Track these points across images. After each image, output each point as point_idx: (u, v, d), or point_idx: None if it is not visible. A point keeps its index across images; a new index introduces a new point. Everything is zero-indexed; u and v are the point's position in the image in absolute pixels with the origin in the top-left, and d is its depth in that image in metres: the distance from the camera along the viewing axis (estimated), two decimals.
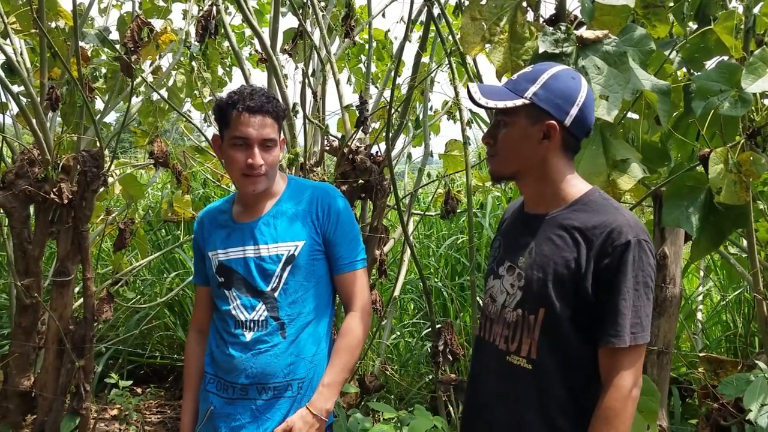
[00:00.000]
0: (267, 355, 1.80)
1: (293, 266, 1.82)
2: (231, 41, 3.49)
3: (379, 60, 4.74)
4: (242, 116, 1.75)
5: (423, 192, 5.60)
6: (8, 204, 3.11)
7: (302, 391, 1.83)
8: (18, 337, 3.28)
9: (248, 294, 1.83)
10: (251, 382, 1.80)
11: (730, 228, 2.28)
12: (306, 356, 1.84)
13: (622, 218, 1.44)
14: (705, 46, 2.36)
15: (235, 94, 1.78)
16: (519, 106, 1.47)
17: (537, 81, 1.48)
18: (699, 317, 4.30)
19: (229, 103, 1.77)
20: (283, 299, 1.82)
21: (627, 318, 1.39)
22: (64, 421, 3.15)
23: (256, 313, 1.81)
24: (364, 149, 3.16)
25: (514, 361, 1.52)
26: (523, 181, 1.57)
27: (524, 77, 1.51)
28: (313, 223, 1.86)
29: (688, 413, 3.50)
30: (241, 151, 1.77)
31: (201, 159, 4.66)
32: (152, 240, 5.45)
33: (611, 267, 1.40)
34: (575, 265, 1.43)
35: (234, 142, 1.78)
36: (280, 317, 1.82)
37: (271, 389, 1.80)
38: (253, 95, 1.77)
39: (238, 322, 1.82)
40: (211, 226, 1.94)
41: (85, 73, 3.16)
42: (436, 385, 3.01)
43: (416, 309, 5.17)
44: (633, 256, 1.40)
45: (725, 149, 2.04)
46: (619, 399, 1.40)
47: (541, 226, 1.53)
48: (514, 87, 1.49)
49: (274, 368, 1.80)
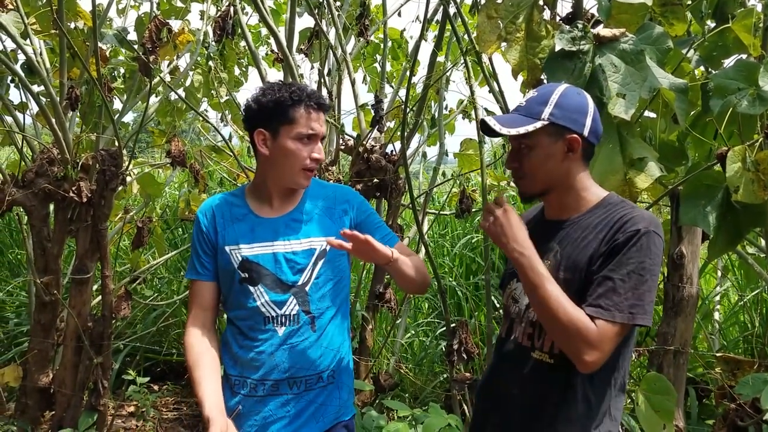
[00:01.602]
0: (299, 349, 1.82)
1: (324, 261, 1.86)
2: (248, 41, 3.51)
3: (395, 59, 4.75)
4: (310, 111, 1.80)
5: (438, 191, 5.61)
6: (28, 202, 3.15)
7: (331, 380, 1.87)
8: (37, 334, 3.32)
9: (278, 289, 1.83)
10: (283, 377, 1.81)
11: (748, 227, 2.26)
12: (333, 347, 1.88)
13: (638, 212, 1.51)
14: (723, 44, 2.35)
15: (294, 91, 1.80)
16: (539, 128, 1.53)
17: (549, 102, 1.55)
18: (716, 317, 4.27)
19: (294, 99, 1.79)
20: (314, 293, 1.85)
21: (621, 296, 1.42)
22: (82, 417, 3.19)
23: (287, 307, 1.83)
24: (379, 148, 3.18)
25: (537, 356, 1.57)
26: (551, 194, 1.63)
27: (534, 101, 1.57)
28: (341, 218, 1.91)
29: (705, 414, 3.48)
30: (305, 146, 1.81)
31: (217, 158, 4.70)
32: (169, 238, 5.49)
33: (618, 246, 1.46)
34: (596, 256, 1.49)
35: (299, 136, 1.80)
36: (311, 311, 1.84)
37: (303, 382, 1.83)
38: (312, 93, 1.82)
39: (267, 318, 1.83)
40: (225, 219, 1.91)
41: (103, 73, 3.19)
42: (451, 384, 3.01)
43: (431, 308, 5.18)
44: (642, 242, 1.45)
45: (743, 148, 2.03)
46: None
47: (564, 230, 1.60)
48: (527, 112, 1.56)
49: (305, 362, 1.83)
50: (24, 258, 5.03)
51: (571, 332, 1.40)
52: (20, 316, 4.83)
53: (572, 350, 1.42)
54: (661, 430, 2.14)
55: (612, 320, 1.41)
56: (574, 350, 1.41)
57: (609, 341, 1.41)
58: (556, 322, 1.42)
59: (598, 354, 1.40)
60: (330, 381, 1.87)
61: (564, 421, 1.52)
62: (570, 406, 1.52)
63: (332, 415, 1.87)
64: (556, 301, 1.42)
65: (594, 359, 1.40)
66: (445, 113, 4.25)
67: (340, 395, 1.90)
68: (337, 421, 1.88)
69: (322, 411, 1.85)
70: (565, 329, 1.41)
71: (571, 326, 1.40)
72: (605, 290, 1.43)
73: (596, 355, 1.40)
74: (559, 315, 1.41)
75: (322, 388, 1.85)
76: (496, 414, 1.65)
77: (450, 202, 4.88)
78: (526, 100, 1.58)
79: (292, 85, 1.82)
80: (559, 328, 1.42)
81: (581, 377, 1.51)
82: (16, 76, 3.14)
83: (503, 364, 1.68)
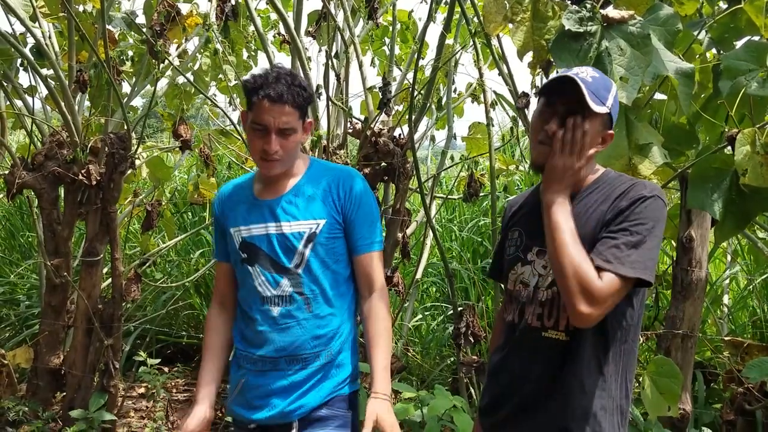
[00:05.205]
0: (294, 329, 1.86)
1: (315, 244, 1.86)
2: (255, 24, 3.50)
3: (403, 42, 4.72)
4: (262, 103, 1.76)
5: (446, 175, 5.59)
6: (38, 185, 3.18)
7: (329, 359, 1.89)
8: (48, 316, 3.36)
9: (273, 270, 1.87)
10: (280, 354, 1.86)
11: (756, 211, 2.24)
12: (332, 327, 1.89)
13: (640, 181, 1.55)
14: (735, 25, 2.32)
15: (260, 78, 1.78)
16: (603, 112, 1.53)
17: (611, 93, 1.55)
18: (725, 302, 4.26)
19: (252, 88, 1.78)
20: (306, 275, 1.86)
21: (623, 252, 1.44)
22: (93, 398, 3.23)
23: (280, 288, 1.86)
24: (387, 132, 3.16)
25: (551, 335, 1.58)
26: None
27: (602, 85, 1.54)
28: (334, 202, 1.90)
29: (713, 398, 3.47)
30: (258, 136, 1.80)
31: (226, 142, 4.70)
32: (179, 221, 5.52)
33: (622, 209, 1.48)
34: (601, 224, 1.51)
35: (253, 126, 1.81)
36: (304, 292, 1.86)
37: (301, 360, 1.86)
38: (278, 81, 1.76)
39: (264, 297, 1.87)
40: (232, 202, 1.97)
41: (112, 55, 3.19)
42: (458, 366, 3.02)
43: (438, 292, 5.19)
44: (646, 204, 1.47)
45: (752, 130, 2.00)
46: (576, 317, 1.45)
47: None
48: (595, 91, 1.51)
49: (302, 341, 1.85)
50: (35, 241, 5.07)
51: (572, 281, 1.42)
52: (31, 298, 4.88)
53: (570, 300, 1.43)
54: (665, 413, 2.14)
55: (614, 272, 1.42)
56: (572, 301, 1.42)
57: (609, 296, 1.42)
58: (561, 269, 1.44)
59: (595, 308, 1.41)
60: (328, 359, 1.88)
61: (579, 396, 1.54)
62: (585, 381, 1.54)
63: (330, 388, 1.90)
64: (569, 250, 1.44)
65: (590, 312, 1.41)
66: (453, 96, 4.23)
67: (338, 373, 1.91)
68: (335, 394, 1.90)
69: (319, 386, 1.88)
70: (567, 278, 1.43)
71: (574, 277, 1.42)
72: (608, 247, 1.45)
73: (593, 308, 1.41)
74: (566, 263, 1.43)
75: (321, 367, 1.87)
76: (510, 396, 1.66)
77: (458, 186, 4.87)
78: (593, 78, 1.53)
79: (267, 72, 1.79)
80: (564, 276, 1.44)
81: (594, 352, 1.53)
82: (26, 59, 3.15)
83: (516, 347, 1.68)
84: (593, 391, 1.54)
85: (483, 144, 3.84)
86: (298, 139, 1.86)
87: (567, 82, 1.51)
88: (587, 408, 1.54)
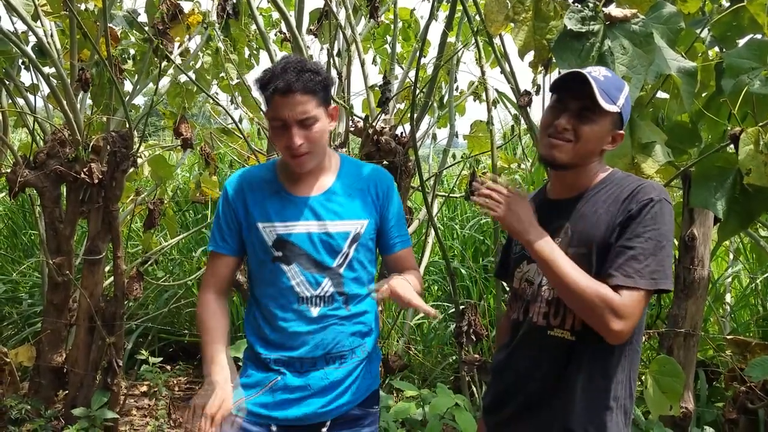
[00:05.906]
0: (334, 328, 1.82)
1: (359, 244, 1.83)
2: (257, 23, 3.49)
3: (405, 40, 4.72)
4: (274, 98, 1.69)
5: (447, 173, 5.60)
6: (40, 183, 3.18)
7: (364, 354, 1.89)
8: (50, 314, 3.36)
9: (313, 269, 1.81)
10: (319, 354, 1.82)
11: (760, 210, 2.24)
12: (366, 322, 1.89)
13: (646, 182, 1.55)
14: (737, 23, 2.31)
15: (268, 73, 1.71)
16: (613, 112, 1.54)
17: (623, 93, 1.56)
18: (727, 300, 4.25)
19: (262, 85, 1.72)
20: (348, 275, 1.83)
21: (642, 263, 1.44)
22: (95, 396, 3.23)
23: (321, 289, 1.81)
24: (388, 130, 3.16)
25: (557, 334, 1.58)
26: (573, 170, 1.62)
27: (613, 84, 1.54)
28: (373, 203, 1.88)
29: (715, 396, 3.47)
30: (280, 132, 1.73)
31: (228, 140, 4.70)
32: (181, 220, 5.52)
33: (633, 216, 1.48)
34: (612, 227, 1.51)
35: (272, 124, 1.74)
36: (344, 292, 1.83)
37: (338, 358, 1.84)
38: (285, 72, 1.68)
39: (301, 298, 1.81)
40: (256, 194, 1.85)
41: (114, 54, 3.19)
42: (460, 365, 3.02)
43: (440, 290, 5.19)
44: (656, 210, 1.47)
45: (756, 129, 2.00)
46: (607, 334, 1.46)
47: (574, 207, 1.61)
48: (607, 90, 1.52)
49: (341, 339, 1.83)
50: (37, 239, 5.08)
51: (597, 304, 1.42)
52: (33, 296, 4.89)
53: (600, 322, 1.44)
54: (668, 411, 2.14)
55: (636, 287, 1.43)
56: (603, 322, 1.43)
57: (635, 309, 1.43)
58: (581, 298, 1.44)
59: (625, 322, 1.43)
60: (363, 354, 1.88)
61: (584, 395, 1.54)
62: (589, 381, 1.54)
63: (365, 387, 1.90)
64: (579, 278, 1.45)
65: (621, 327, 1.42)
66: (455, 95, 4.23)
67: (371, 368, 1.92)
68: (368, 392, 1.91)
69: (358, 383, 1.87)
70: (591, 303, 1.43)
71: (597, 299, 1.42)
72: (625, 259, 1.45)
73: (624, 323, 1.42)
74: (585, 291, 1.43)
75: (357, 364, 1.87)
76: (515, 394, 1.66)
77: (460, 184, 4.87)
78: (605, 77, 1.54)
79: (276, 67, 1.71)
80: (587, 304, 1.44)
81: (599, 352, 1.54)
82: (28, 57, 3.14)
83: (521, 345, 1.68)
84: (598, 390, 1.55)
85: (485, 142, 3.84)
86: (324, 128, 1.76)
87: (579, 79, 1.51)
88: (591, 407, 1.54)
